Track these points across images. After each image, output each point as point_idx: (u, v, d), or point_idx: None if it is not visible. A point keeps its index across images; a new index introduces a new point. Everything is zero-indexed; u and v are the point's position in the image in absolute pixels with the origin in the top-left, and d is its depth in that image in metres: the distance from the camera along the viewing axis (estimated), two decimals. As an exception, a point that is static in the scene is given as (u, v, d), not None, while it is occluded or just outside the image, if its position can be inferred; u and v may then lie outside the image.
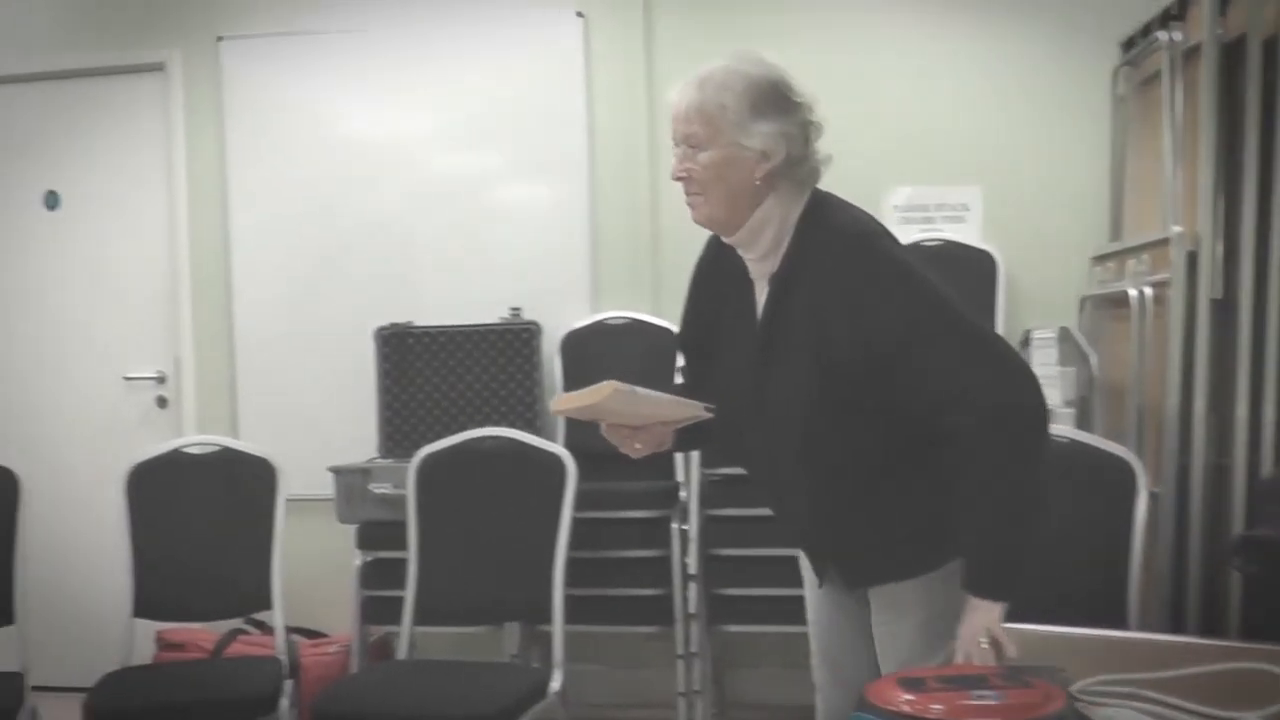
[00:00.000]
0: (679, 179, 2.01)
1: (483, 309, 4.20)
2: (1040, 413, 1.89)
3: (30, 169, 4.73)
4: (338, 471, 3.83)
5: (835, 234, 1.98)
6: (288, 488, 3.58)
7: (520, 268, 4.30)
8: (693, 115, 1.96)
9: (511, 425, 3.66)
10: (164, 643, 4.03)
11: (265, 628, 3.99)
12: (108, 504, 3.62)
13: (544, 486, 3.38)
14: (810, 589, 2.27)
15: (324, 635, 4.12)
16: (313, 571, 3.99)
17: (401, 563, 3.50)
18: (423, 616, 3.38)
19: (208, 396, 4.58)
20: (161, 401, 4.62)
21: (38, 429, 4.67)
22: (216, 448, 3.65)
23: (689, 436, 2.20)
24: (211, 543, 3.57)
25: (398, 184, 4.41)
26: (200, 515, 3.60)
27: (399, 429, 4.10)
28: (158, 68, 4.59)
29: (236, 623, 3.97)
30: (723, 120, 1.94)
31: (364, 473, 3.81)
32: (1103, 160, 3.98)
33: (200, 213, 4.57)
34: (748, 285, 2.09)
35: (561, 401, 2.07)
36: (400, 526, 3.50)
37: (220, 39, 4.50)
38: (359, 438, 4.17)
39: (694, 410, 2.04)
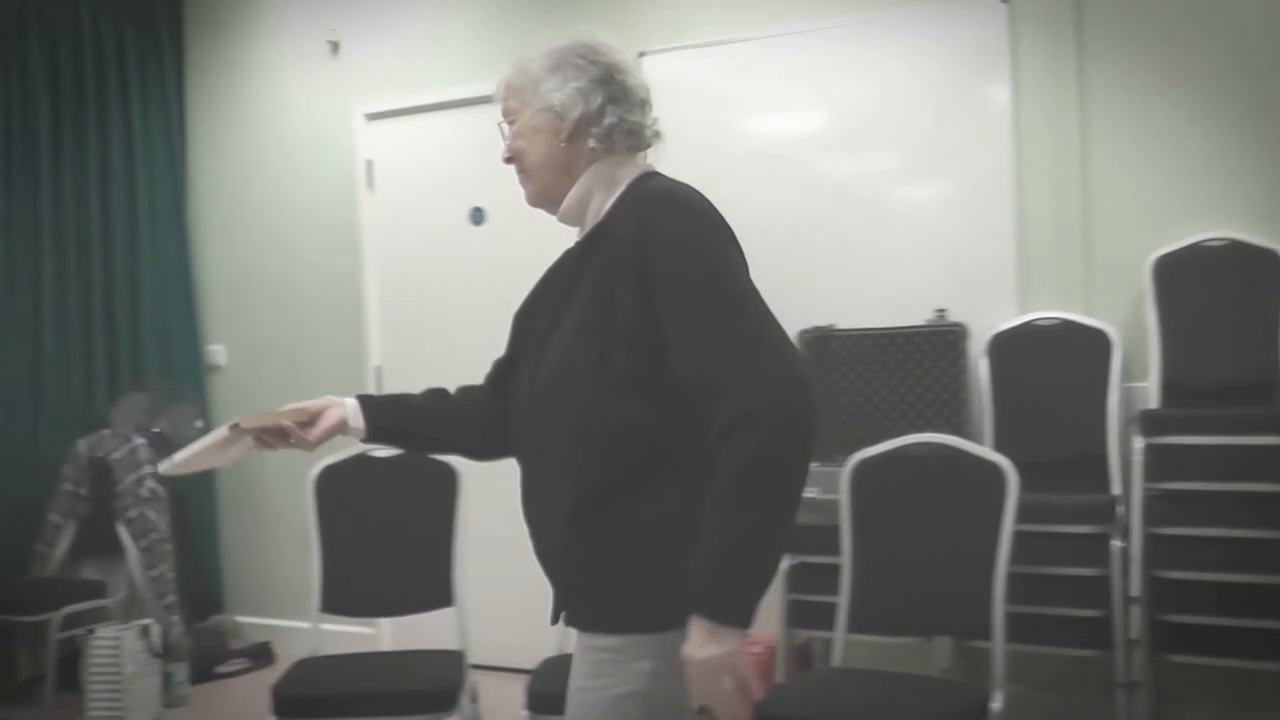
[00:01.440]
0: (507, 161, 1.99)
1: (906, 311, 4.08)
2: (801, 423, 1.68)
3: (458, 188, 5.04)
4: (764, 474, 3.79)
5: (642, 194, 1.87)
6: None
7: (942, 267, 4.16)
8: (505, 91, 1.97)
9: (937, 430, 3.51)
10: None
11: (684, 626, 4.02)
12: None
13: (980, 495, 3.20)
14: None
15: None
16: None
17: (826, 568, 3.43)
18: (855, 624, 3.28)
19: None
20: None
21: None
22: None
23: (393, 424, 2.12)
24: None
25: (813, 184, 4.38)
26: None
27: (821, 431, 4.00)
28: (581, 88, 4.76)
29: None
30: (525, 87, 1.93)
31: (791, 476, 3.75)
32: None
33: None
34: None
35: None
36: (826, 531, 3.41)
37: (642, 54, 4.62)
38: (780, 440, 4.13)
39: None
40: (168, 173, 5.69)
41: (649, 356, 1.76)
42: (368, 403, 2.12)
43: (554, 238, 5.24)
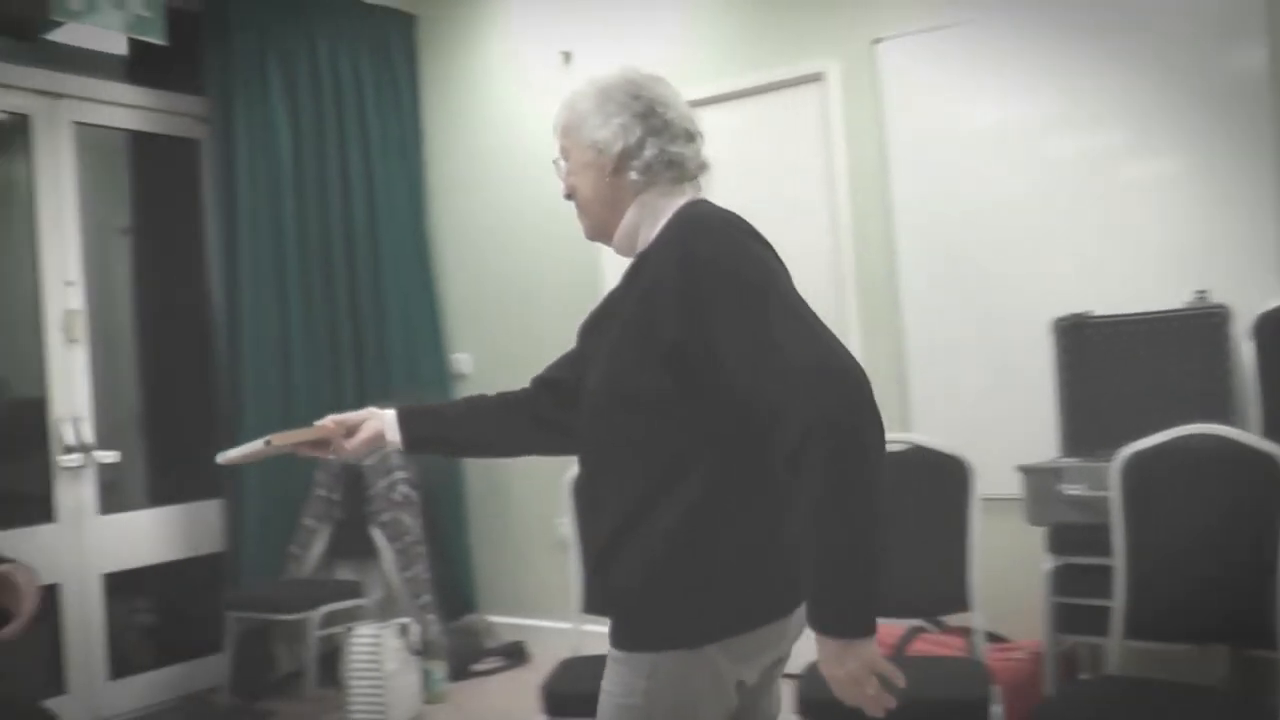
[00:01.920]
0: (567, 197, 2.10)
1: (1163, 294, 3.90)
2: (862, 428, 1.71)
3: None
4: (1027, 471, 3.69)
5: (685, 220, 1.94)
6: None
7: (1199, 246, 3.96)
8: (560, 130, 2.07)
9: (1201, 420, 3.32)
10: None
11: (943, 626, 3.95)
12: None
13: (1260, 491, 3.01)
14: None
15: (1004, 639, 4.01)
16: (993, 573, 3.89)
17: (1094, 569, 3.30)
18: (1130, 630, 3.13)
19: (878, 393, 4.58)
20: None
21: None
22: (908, 446, 3.57)
23: (430, 434, 2.30)
24: (900, 540, 3.54)
25: (1054, 166, 4.25)
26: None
27: (1081, 425, 3.89)
28: (815, 78, 4.74)
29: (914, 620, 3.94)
30: (574, 126, 2.03)
31: (1054, 472, 3.63)
32: None
33: (863, 214, 4.66)
34: None
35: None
36: (1093, 530, 3.30)
37: (876, 41, 4.56)
38: (1034, 433, 3.99)
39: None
40: (406, 189, 5.92)
41: (682, 378, 1.84)
42: (405, 415, 2.31)
43: (795, 234, 5.22)
